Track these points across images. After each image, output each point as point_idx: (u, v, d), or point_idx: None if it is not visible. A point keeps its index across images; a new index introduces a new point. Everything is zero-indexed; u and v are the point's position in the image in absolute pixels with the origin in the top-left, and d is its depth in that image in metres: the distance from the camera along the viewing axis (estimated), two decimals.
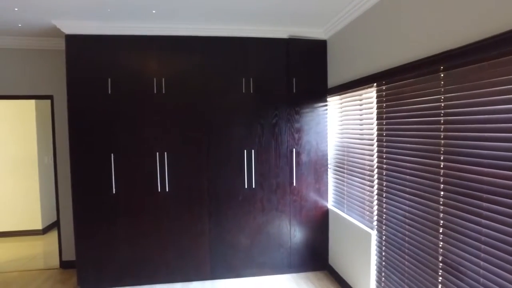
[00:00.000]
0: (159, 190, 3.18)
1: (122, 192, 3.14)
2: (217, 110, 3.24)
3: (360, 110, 2.85)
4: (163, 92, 3.14)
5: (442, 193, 1.88)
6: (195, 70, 3.19)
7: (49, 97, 3.57)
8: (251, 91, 3.26)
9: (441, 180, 1.88)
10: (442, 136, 1.87)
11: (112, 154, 3.10)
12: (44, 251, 4.23)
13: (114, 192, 3.12)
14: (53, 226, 5.16)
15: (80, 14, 2.81)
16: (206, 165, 3.25)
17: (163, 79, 3.13)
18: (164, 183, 3.18)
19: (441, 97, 1.87)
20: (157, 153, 3.16)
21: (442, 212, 1.88)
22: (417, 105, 2.08)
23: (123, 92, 3.11)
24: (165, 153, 3.17)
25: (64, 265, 3.67)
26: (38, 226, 4.75)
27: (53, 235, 4.83)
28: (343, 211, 3.16)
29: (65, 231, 3.66)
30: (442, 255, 1.89)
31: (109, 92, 3.07)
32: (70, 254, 3.66)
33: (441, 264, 1.89)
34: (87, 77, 3.07)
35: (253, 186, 3.31)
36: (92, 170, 3.11)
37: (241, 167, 3.29)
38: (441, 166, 1.88)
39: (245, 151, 3.28)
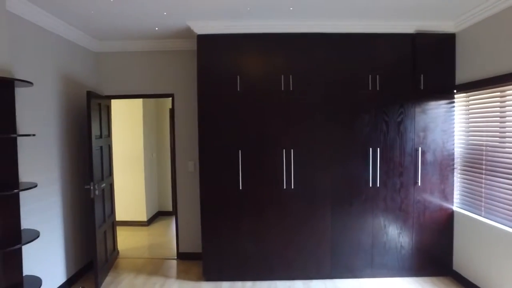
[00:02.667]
0: (285, 187, 3.22)
1: (248, 188, 3.23)
2: (342, 107, 3.22)
3: (502, 107, 2.67)
4: (291, 89, 3.18)
5: None
6: (321, 66, 3.19)
7: (170, 95, 3.79)
8: (377, 88, 3.20)
9: None
10: None
11: (240, 151, 3.21)
12: (156, 242, 4.48)
13: (241, 188, 3.22)
14: (155, 218, 5.49)
15: (215, 14, 2.93)
16: (330, 163, 3.23)
17: (291, 76, 3.18)
18: (290, 180, 3.21)
19: None
20: (284, 150, 3.21)
21: None
22: None
23: (251, 90, 3.19)
24: (292, 150, 3.21)
25: (181, 256, 3.87)
26: (144, 218, 5.08)
27: (156, 227, 5.14)
28: (480, 215, 2.97)
29: (182, 225, 3.86)
30: None
31: (238, 89, 3.19)
32: (186, 246, 3.86)
33: None
34: (216, 75, 3.20)
35: (377, 185, 3.24)
36: (220, 166, 3.23)
37: (365, 165, 3.23)
38: None
39: (370, 149, 3.22)
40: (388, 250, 3.29)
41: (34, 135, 2.50)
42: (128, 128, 5.01)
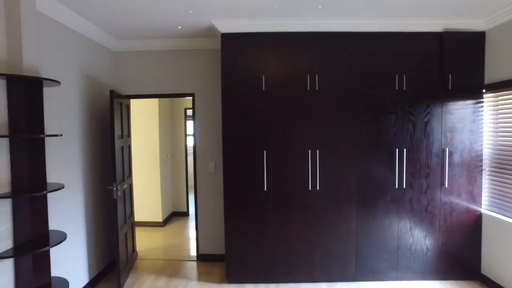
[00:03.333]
0: (310, 188, 3.17)
1: (273, 189, 3.19)
2: (368, 107, 3.16)
3: None
4: (316, 88, 3.13)
5: None
6: (347, 66, 3.14)
7: (191, 95, 3.75)
8: (404, 88, 3.14)
9: None
10: None
11: (265, 151, 3.16)
12: (173, 243, 4.44)
13: (265, 189, 3.18)
14: (169, 218, 5.46)
15: (241, 12, 2.88)
16: (355, 164, 3.18)
17: (317, 75, 3.13)
18: (315, 181, 3.16)
19: None
20: (309, 151, 3.16)
21: None
22: None
23: (276, 89, 3.14)
24: (317, 150, 3.16)
25: (201, 257, 3.83)
26: (159, 218, 5.05)
27: (171, 228, 5.10)
28: (510, 217, 2.90)
29: (202, 226, 3.82)
30: None
31: (263, 89, 3.14)
32: (206, 248, 3.82)
33: None
34: (241, 74, 3.15)
35: (404, 186, 3.18)
36: (245, 167, 3.18)
37: (391, 166, 3.17)
38: None
39: (397, 149, 3.16)
40: (414, 252, 3.23)
41: (61, 135, 2.47)
42: (144, 128, 4.98)
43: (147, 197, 5.00)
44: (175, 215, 5.63)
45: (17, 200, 2.25)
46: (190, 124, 5.85)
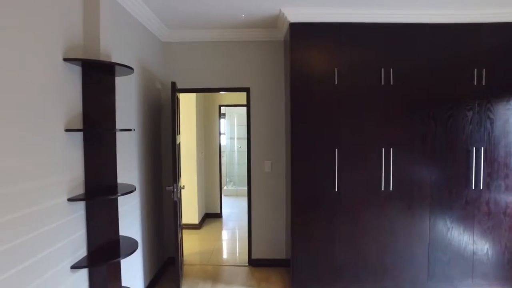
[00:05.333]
0: (383, 189, 2.97)
1: (344, 190, 2.98)
2: (444, 104, 2.96)
3: None
4: (391, 83, 2.93)
5: None
6: (423, 60, 2.93)
7: (246, 89, 3.52)
8: (483, 83, 2.94)
9: None
10: None
11: (336, 149, 2.95)
12: (214, 247, 4.20)
13: (336, 190, 2.96)
14: (203, 220, 5.21)
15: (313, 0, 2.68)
16: (430, 163, 2.98)
17: (391, 69, 2.92)
18: (388, 181, 2.96)
19: None
20: (383, 149, 2.95)
21: None
22: None
23: (348, 84, 2.93)
24: (391, 149, 2.95)
25: (253, 263, 3.60)
26: (195, 220, 4.79)
27: (207, 230, 4.87)
28: None
29: (256, 230, 3.59)
30: None
31: (336, 83, 2.93)
32: (259, 253, 3.60)
33: None
34: (311, 67, 2.93)
35: (480, 187, 2.98)
36: (314, 166, 2.97)
37: (467, 166, 2.97)
38: None
39: (474, 148, 2.97)
40: (491, 258, 3.04)
41: (133, 130, 2.23)
42: (182, 124, 4.72)
43: (183, 198, 4.74)
44: (208, 217, 5.38)
45: (91, 203, 2.01)
46: (223, 122, 5.64)
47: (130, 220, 2.65)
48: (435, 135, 2.98)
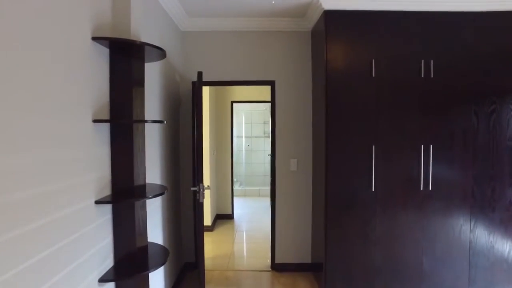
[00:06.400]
0: (421, 189, 2.77)
1: (381, 189, 2.77)
2: (486, 99, 2.76)
3: None
4: (431, 76, 2.73)
5: None
6: (465, 50, 2.73)
7: (270, 83, 3.29)
8: None
9: None
10: None
11: (373, 146, 2.74)
12: (233, 251, 3.96)
13: (373, 189, 2.76)
14: (215, 222, 4.97)
15: None
16: (472, 161, 2.78)
17: (432, 61, 2.73)
18: (428, 180, 2.76)
19: None
20: (422, 146, 2.76)
21: None
22: None
23: (386, 76, 2.72)
24: (430, 145, 2.76)
25: (277, 267, 3.37)
26: (208, 222, 4.54)
27: (220, 232, 4.63)
28: None
29: (280, 232, 3.36)
30: None
31: (373, 75, 2.72)
32: (284, 257, 3.37)
33: None
34: (347, 58, 2.72)
35: None
36: (350, 164, 2.75)
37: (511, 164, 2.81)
38: None
39: None
40: None
41: (165, 122, 1.98)
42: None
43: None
44: (219, 218, 5.14)
45: (118, 205, 1.77)
46: (236, 118, 5.41)
47: (153, 222, 2.40)
48: (477, 131, 2.79)
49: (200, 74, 2.51)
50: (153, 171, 2.38)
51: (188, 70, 3.28)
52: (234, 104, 5.22)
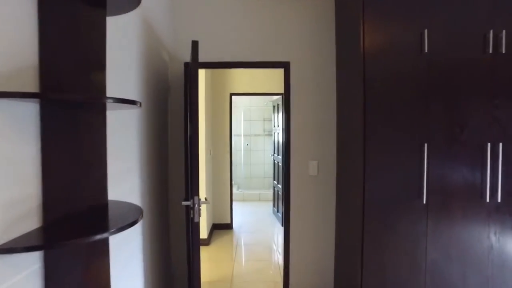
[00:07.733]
0: (487, 200, 2.12)
1: (434, 201, 2.11)
2: None
3: None
4: (503, 51, 2.08)
5: None
6: None
7: (284, 64, 2.59)
8: None
9: None
10: None
11: (425, 144, 2.08)
12: (236, 271, 3.26)
13: (424, 201, 2.10)
14: (211, 233, 4.26)
15: None
16: None
17: (504, 32, 2.07)
18: (496, 188, 2.10)
19: None
20: (488, 144, 2.11)
21: None
22: None
23: (441, 53, 2.07)
24: (500, 144, 2.11)
25: None
26: (204, 235, 3.83)
27: (217, 246, 3.92)
28: None
29: (296, 250, 2.68)
30: None
31: (426, 50, 2.06)
32: (299, 279, 2.69)
33: None
34: (390, 29, 2.07)
35: None
36: (393, 168, 2.09)
37: None
38: None
39: None
40: None
41: (139, 104, 1.28)
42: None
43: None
44: (216, 228, 4.43)
45: (55, 252, 1.06)
46: (234, 115, 4.74)
47: (125, 256, 1.70)
48: None
49: (195, 44, 1.81)
50: (125, 180, 1.68)
51: (180, 48, 2.58)
52: (234, 97, 4.53)
